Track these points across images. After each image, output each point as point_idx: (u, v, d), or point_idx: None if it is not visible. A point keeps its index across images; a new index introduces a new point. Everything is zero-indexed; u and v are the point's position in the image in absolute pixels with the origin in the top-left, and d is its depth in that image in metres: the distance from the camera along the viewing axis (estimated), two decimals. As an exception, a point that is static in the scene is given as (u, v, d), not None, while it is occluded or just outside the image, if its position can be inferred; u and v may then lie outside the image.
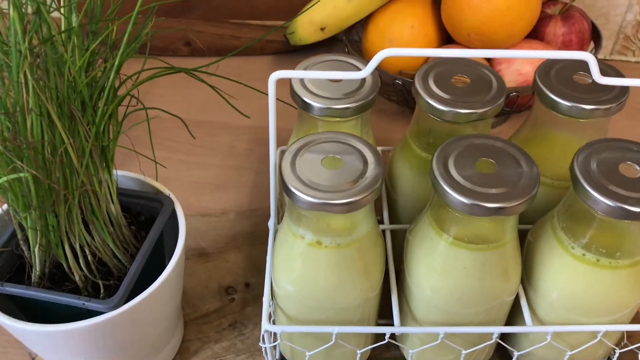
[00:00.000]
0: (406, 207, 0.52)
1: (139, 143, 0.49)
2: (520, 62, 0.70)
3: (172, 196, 0.49)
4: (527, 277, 0.46)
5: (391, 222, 0.52)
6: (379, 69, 0.68)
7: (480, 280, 0.42)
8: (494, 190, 0.38)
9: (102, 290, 0.44)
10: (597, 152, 0.41)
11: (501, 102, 0.45)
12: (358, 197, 0.38)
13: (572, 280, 0.43)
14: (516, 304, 0.47)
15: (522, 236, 0.47)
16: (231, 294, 0.58)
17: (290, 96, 0.47)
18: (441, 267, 0.42)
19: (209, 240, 0.62)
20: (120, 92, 0.43)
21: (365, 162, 0.40)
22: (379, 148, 0.56)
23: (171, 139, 0.75)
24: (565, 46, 0.73)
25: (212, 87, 0.45)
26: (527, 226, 0.48)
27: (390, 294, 0.47)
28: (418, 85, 0.46)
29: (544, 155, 0.49)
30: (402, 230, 0.51)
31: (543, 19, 0.73)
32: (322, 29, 0.75)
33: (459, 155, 0.40)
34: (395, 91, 0.72)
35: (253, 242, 0.62)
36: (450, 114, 0.44)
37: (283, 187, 0.39)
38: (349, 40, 0.76)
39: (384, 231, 0.51)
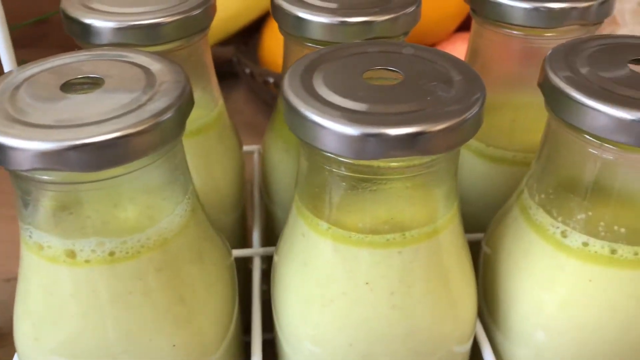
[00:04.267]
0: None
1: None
2: None
3: None
4: (490, 312, 0.26)
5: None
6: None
7: (406, 313, 0.22)
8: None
9: None
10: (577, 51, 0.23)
11: None
12: (113, 134, 0.18)
13: (569, 299, 0.23)
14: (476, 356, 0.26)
15: (474, 251, 0.27)
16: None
17: (63, 21, 0.28)
18: (323, 289, 0.22)
19: (8, 315, 0.40)
20: None
21: (151, 83, 0.21)
22: (245, 148, 0.36)
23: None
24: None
25: None
26: (478, 235, 0.29)
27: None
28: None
29: (497, 123, 0.30)
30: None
31: None
32: (200, 35, 0.57)
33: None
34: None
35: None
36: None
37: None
38: (239, 49, 0.58)
39: (250, 259, 0.30)
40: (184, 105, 0.20)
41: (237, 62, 0.57)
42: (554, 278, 0.23)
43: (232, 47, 0.59)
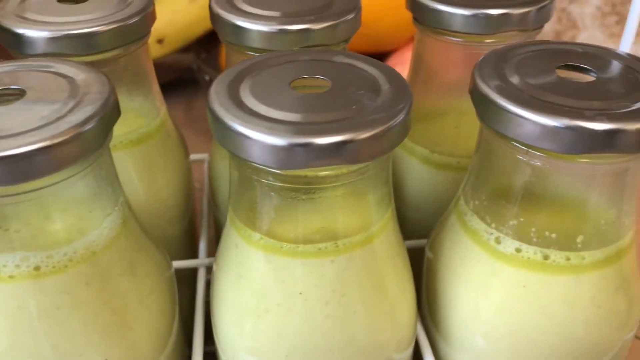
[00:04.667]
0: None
1: None
2: None
3: None
4: (431, 318, 0.26)
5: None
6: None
7: (341, 322, 0.22)
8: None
9: None
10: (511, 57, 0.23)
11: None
12: (31, 147, 0.18)
13: (504, 305, 0.23)
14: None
15: (416, 258, 0.27)
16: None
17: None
18: (258, 300, 0.22)
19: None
20: None
21: (74, 94, 0.20)
22: (192, 156, 0.36)
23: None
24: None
25: None
26: (423, 241, 0.29)
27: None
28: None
29: (442, 129, 0.30)
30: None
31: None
32: (159, 41, 0.57)
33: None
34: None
35: None
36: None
37: None
38: (199, 57, 0.58)
39: (196, 270, 0.30)
40: (107, 115, 0.20)
41: (197, 69, 0.57)
42: (489, 284, 0.23)
43: (193, 54, 0.59)
